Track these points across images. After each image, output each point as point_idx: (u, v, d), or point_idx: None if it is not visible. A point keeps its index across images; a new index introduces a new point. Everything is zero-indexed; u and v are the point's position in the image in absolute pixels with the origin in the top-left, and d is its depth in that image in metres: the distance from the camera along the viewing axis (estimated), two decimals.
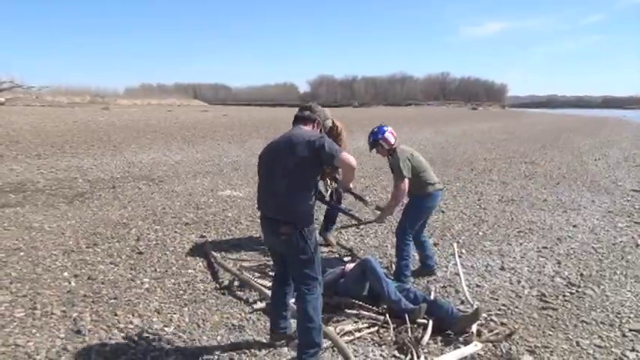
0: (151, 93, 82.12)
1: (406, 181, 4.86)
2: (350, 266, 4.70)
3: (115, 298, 4.57)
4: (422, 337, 3.87)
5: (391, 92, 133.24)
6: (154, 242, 6.27)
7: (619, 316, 4.52)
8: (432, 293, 4.85)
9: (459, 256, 5.99)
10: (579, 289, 5.11)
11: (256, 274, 5.15)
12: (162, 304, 4.50)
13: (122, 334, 3.92)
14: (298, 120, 3.72)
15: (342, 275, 4.61)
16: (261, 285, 4.77)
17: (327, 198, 5.99)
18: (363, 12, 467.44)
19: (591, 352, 3.87)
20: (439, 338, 3.97)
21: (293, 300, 3.74)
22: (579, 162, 15.69)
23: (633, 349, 3.91)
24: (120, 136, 19.19)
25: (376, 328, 4.06)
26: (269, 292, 4.56)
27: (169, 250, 5.99)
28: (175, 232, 6.76)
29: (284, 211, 3.34)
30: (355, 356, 3.58)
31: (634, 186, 11.29)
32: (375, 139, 5.06)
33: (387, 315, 4.15)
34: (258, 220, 7.37)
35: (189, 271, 5.38)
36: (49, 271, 5.18)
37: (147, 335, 3.92)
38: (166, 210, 7.92)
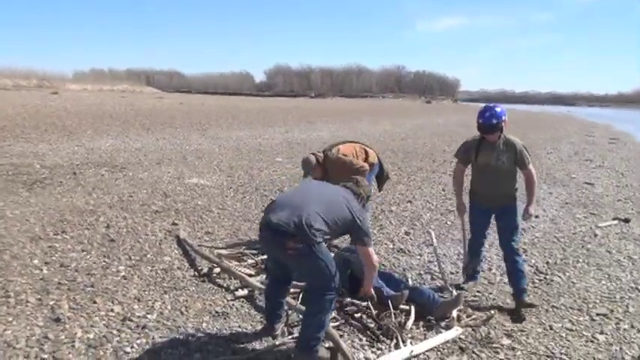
0: (102, 78, 79.72)
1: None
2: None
3: (91, 286, 4.45)
4: (405, 322, 3.97)
5: (347, 84, 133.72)
6: (125, 230, 6.13)
7: (586, 301, 4.76)
8: (410, 280, 4.96)
9: (431, 244, 6.16)
10: (547, 276, 5.34)
11: (234, 262, 5.12)
12: (141, 292, 4.42)
13: (104, 322, 3.83)
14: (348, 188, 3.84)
15: None
16: (242, 273, 4.76)
17: None
18: (320, 2, 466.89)
19: (564, 335, 4.06)
20: (421, 323, 4.07)
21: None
22: (534, 156, 16.19)
23: (602, 332, 4.13)
24: (74, 121, 18.57)
25: (359, 314, 4.13)
26: (251, 280, 4.59)
27: (142, 238, 5.87)
28: (146, 219, 6.63)
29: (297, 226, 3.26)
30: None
31: (586, 179, 11.81)
32: (499, 121, 4.30)
33: (369, 302, 4.22)
34: (229, 209, 7.40)
35: (165, 258, 5.30)
36: (17, 259, 4.99)
37: (130, 323, 3.84)
38: (133, 197, 7.74)
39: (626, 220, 7.85)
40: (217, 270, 4.92)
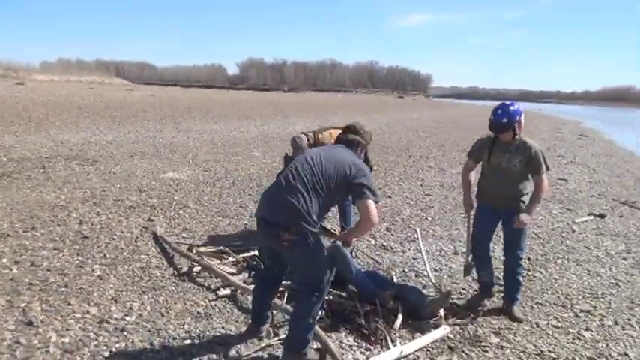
0: (70, 69, 78.02)
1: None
2: None
3: (65, 286, 4.25)
4: (394, 322, 3.89)
5: (321, 78, 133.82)
6: (99, 226, 5.90)
7: (568, 297, 4.77)
8: (394, 278, 4.89)
9: (413, 241, 6.13)
10: (529, 272, 5.33)
11: (215, 260, 4.97)
12: (118, 292, 4.24)
13: (80, 325, 3.65)
14: (342, 141, 3.57)
15: None
16: (223, 271, 4.61)
17: None
18: None
19: (550, 332, 4.05)
20: (408, 322, 4.00)
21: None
22: None
23: (587, 329, 4.13)
24: (41, 112, 18.01)
25: (346, 312, 4.04)
26: (233, 279, 4.45)
27: (117, 235, 5.66)
28: (120, 215, 6.40)
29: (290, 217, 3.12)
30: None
31: (560, 175, 11.96)
32: (512, 121, 4.00)
33: (357, 300, 4.13)
34: (206, 204, 7.22)
35: (142, 256, 5.11)
36: None
37: (107, 325, 3.67)
38: (106, 192, 7.49)
39: (602, 216, 7.95)
40: (197, 268, 4.76)
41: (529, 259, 5.76)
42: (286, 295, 4.12)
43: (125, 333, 3.58)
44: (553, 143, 20.13)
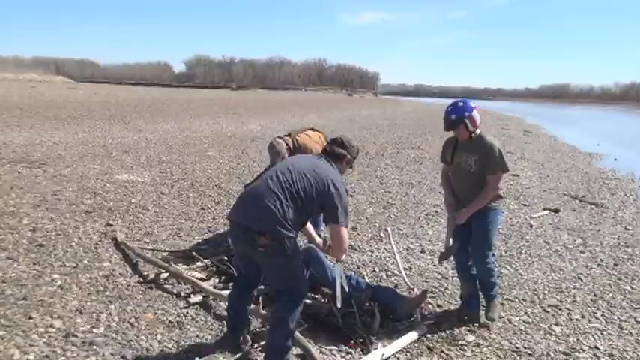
0: (6, 66, 74.42)
1: (502, 175, 3.88)
2: None
3: (24, 299, 3.99)
4: (372, 324, 3.85)
5: (269, 76, 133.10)
6: (54, 233, 5.60)
7: (535, 292, 4.88)
8: (366, 277, 4.87)
9: (380, 240, 6.14)
10: (496, 269, 5.42)
11: (182, 266, 4.80)
12: (82, 303, 4.02)
13: (44, 340, 3.44)
14: (328, 154, 3.45)
15: None
16: (193, 277, 4.46)
17: None
18: None
19: (523, 328, 4.12)
20: (385, 323, 3.98)
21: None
22: None
23: (557, 323, 4.23)
24: None
25: (324, 315, 3.98)
26: (204, 285, 4.31)
27: (74, 242, 5.39)
28: (76, 220, 6.10)
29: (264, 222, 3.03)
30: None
31: (512, 171, 12.27)
32: (460, 117, 3.84)
33: (332, 303, 4.07)
34: (167, 207, 7.00)
35: (105, 264, 4.88)
36: None
37: (74, 339, 3.47)
38: (59, 196, 7.12)
39: (556, 211, 8.22)
40: (165, 275, 4.59)
41: (493, 255, 5.85)
42: (261, 300, 4.01)
43: (94, 347, 3.40)
44: (501, 139, 20.60)
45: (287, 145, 5.34)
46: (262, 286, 4.02)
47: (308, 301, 4.08)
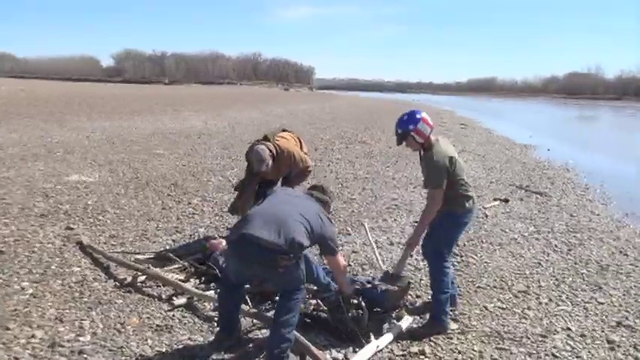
0: None
1: (439, 191, 3.79)
2: None
3: None
4: (361, 318, 3.90)
5: (203, 70, 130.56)
6: (12, 238, 5.31)
7: (503, 279, 5.12)
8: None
9: (349, 234, 6.23)
10: (463, 259, 5.65)
11: (157, 268, 4.68)
12: (61, 311, 3.86)
13: (28, 352, 3.28)
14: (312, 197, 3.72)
15: None
16: (174, 279, 4.37)
17: None
18: None
19: (499, 313, 4.33)
20: (371, 316, 4.05)
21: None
22: None
23: (529, 308, 4.46)
24: None
25: (310, 312, 4.01)
26: (187, 286, 4.24)
27: (36, 247, 5.13)
28: (32, 225, 5.81)
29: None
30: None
31: None
32: (406, 131, 3.81)
33: (319, 300, 4.10)
34: (126, 208, 6.77)
35: (74, 269, 4.68)
36: None
37: (61, 349, 3.33)
38: (7, 200, 6.73)
39: (506, 201, 8.62)
40: (142, 278, 4.46)
41: (458, 245, 6.08)
42: (249, 300, 3.99)
43: (85, 355, 3.29)
44: (440, 133, 21.33)
45: (270, 150, 5.18)
46: (248, 285, 4.02)
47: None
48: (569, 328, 4.10)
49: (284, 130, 5.71)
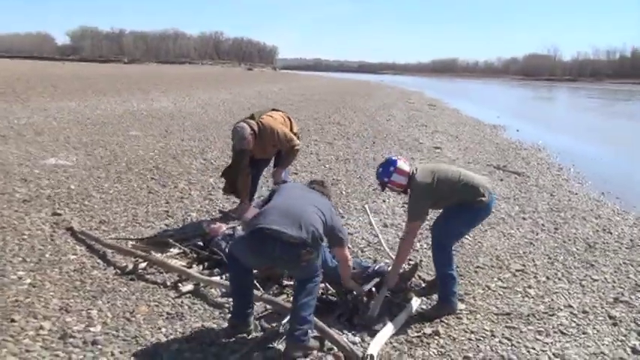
0: None
1: (418, 224, 3.95)
2: None
3: None
4: (375, 302, 3.91)
5: (163, 49, 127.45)
6: None
7: (499, 259, 5.22)
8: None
9: (342, 216, 6.22)
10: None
11: (157, 254, 4.57)
12: (65, 301, 3.73)
13: (40, 344, 3.16)
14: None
15: None
16: (178, 265, 4.28)
17: None
18: None
19: (501, 293, 4.42)
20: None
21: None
22: (376, 122, 17.16)
23: (530, 286, 4.57)
24: None
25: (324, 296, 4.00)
26: (192, 272, 4.16)
27: (26, 234, 4.93)
28: (16, 211, 5.58)
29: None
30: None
31: (433, 143, 12.89)
32: (382, 182, 4.02)
33: (327, 283, 4.08)
34: (111, 192, 6.57)
35: (70, 256, 4.53)
36: None
37: (73, 340, 3.22)
38: None
39: None
40: (143, 265, 4.35)
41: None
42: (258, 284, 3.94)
43: (99, 346, 3.19)
44: (411, 113, 21.51)
45: (252, 128, 5.21)
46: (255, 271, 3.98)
47: None
48: (570, 305, 4.22)
49: (274, 110, 5.72)
